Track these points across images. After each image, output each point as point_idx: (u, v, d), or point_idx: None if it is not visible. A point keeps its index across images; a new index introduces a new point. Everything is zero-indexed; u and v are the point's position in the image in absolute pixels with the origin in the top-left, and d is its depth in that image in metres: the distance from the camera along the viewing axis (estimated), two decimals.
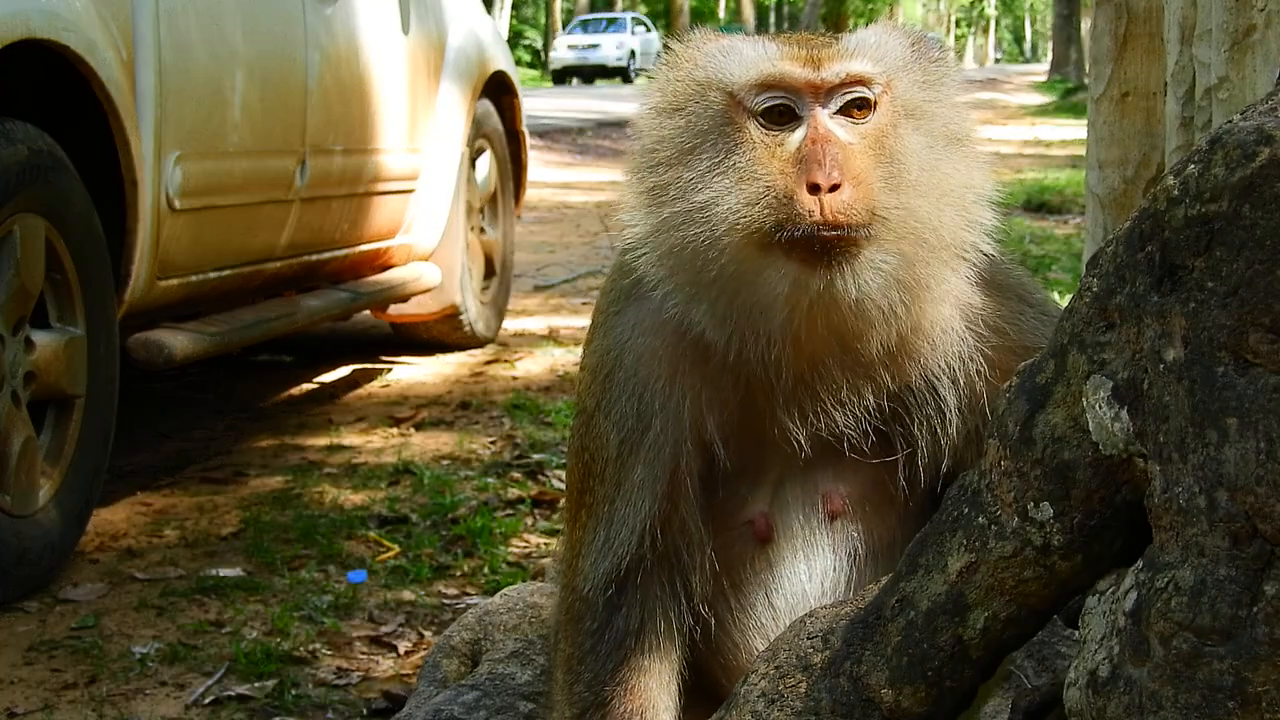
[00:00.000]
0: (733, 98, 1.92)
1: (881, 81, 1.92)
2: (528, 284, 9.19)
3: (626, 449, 2.01)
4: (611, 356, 2.05)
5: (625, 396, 2.02)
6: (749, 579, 2.08)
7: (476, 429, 5.78)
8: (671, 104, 1.97)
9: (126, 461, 5.16)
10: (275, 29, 5.20)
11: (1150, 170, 3.57)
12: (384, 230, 6.21)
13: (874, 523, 2.07)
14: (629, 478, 2.01)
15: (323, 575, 4.14)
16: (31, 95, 4.15)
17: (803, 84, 1.89)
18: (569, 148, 18.91)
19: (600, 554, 2.03)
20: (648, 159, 1.97)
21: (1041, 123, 27.09)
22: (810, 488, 2.06)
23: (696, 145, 1.93)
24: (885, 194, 1.88)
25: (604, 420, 2.03)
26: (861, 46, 1.94)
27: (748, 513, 2.07)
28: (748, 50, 1.95)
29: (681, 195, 1.91)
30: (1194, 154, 1.51)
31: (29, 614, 3.84)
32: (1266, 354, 1.42)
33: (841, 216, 1.83)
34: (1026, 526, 1.65)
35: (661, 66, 2.03)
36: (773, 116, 1.90)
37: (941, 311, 1.98)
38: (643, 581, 2.03)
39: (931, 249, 1.91)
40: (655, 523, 2.00)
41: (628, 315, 2.05)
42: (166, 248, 4.52)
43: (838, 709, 1.81)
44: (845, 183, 1.84)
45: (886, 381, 1.99)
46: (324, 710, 3.32)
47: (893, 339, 1.94)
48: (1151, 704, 1.49)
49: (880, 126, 1.91)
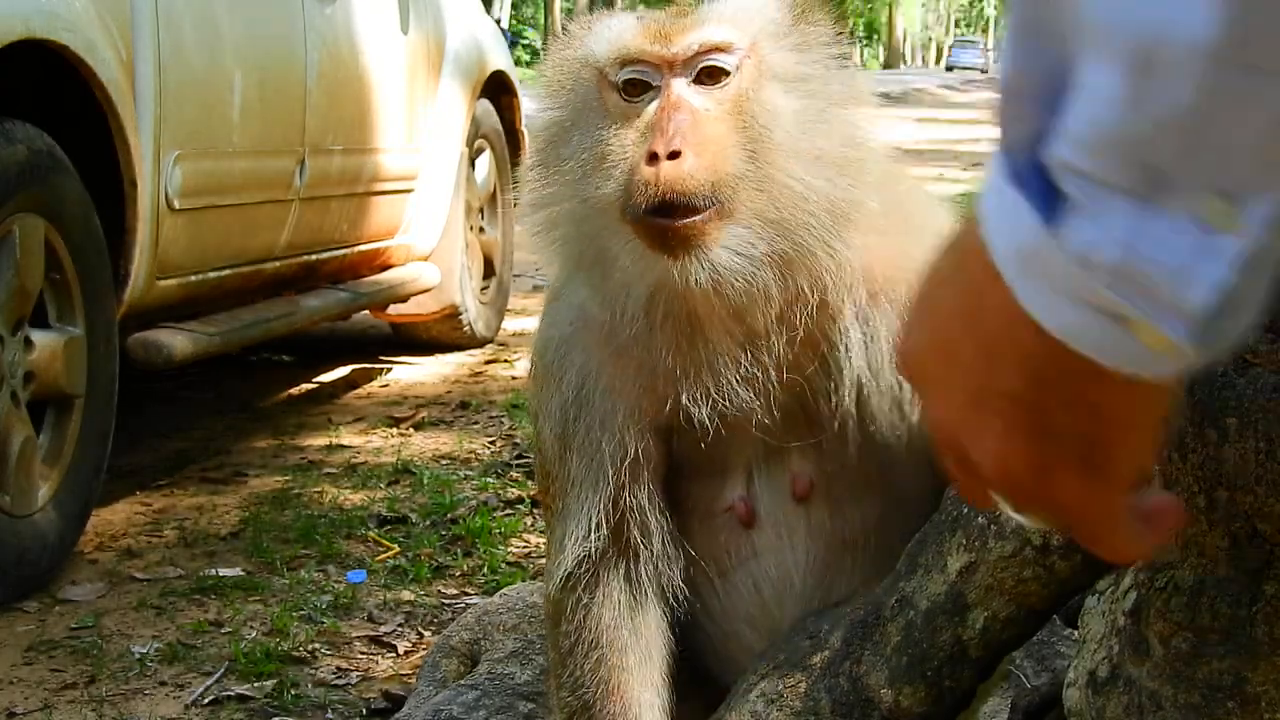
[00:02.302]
0: (600, 73, 1.91)
1: (743, 46, 1.87)
2: (527, 284, 9.19)
3: (563, 445, 2.01)
4: (540, 355, 2.06)
5: (553, 392, 2.01)
6: (734, 567, 2.05)
7: (476, 429, 5.78)
8: (556, 84, 1.98)
9: (126, 461, 5.16)
10: (275, 29, 5.20)
11: None
12: (383, 230, 6.21)
13: (847, 505, 2.03)
14: (569, 472, 2.00)
15: (322, 575, 4.14)
16: (31, 95, 4.15)
17: (654, 57, 1.87)
18: None
19: (560, 551, 2.02)
20: (537, 140, 1.99)
21: None
22: (780, 471, 2.02)
23: (572, 124, 1.93)
24: (742, 161, 1.82)
25: (543, 419, 2.04)
26: (718, 14, 1.91)
27: (726, 499, 2.04)
28: (613, 25, 1.95)
29: (560, 173, 1.92)
30: None
31: (28, 614, 3.84)
32: (1266, 354, 1.42)
33: (678, 185, 1.77)
34: (1026, 526, 1.65)
35: (552, 49, 2.03)
36: (630, 90, 1.88)
37: (830, 264, 1.89)
38: (606, 578, 2.01)
39: (805, 214, 1.84)
40: (607, 516, 1.98)
41: (549, 313, 2.06)
42: (166, 247, 4.52)
43: (837, 709, 1.81)
44: (687, 149, 1.79)
45: (783, 345, 1.91)
46: (324, 710, 3.32)
47: (774, 310, 1.88)
48: (1151, 704, 1.49)
49: (740, 92, 1.86)
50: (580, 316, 2.00)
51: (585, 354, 2.00)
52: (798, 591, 2.03)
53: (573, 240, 1.92)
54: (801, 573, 2.03)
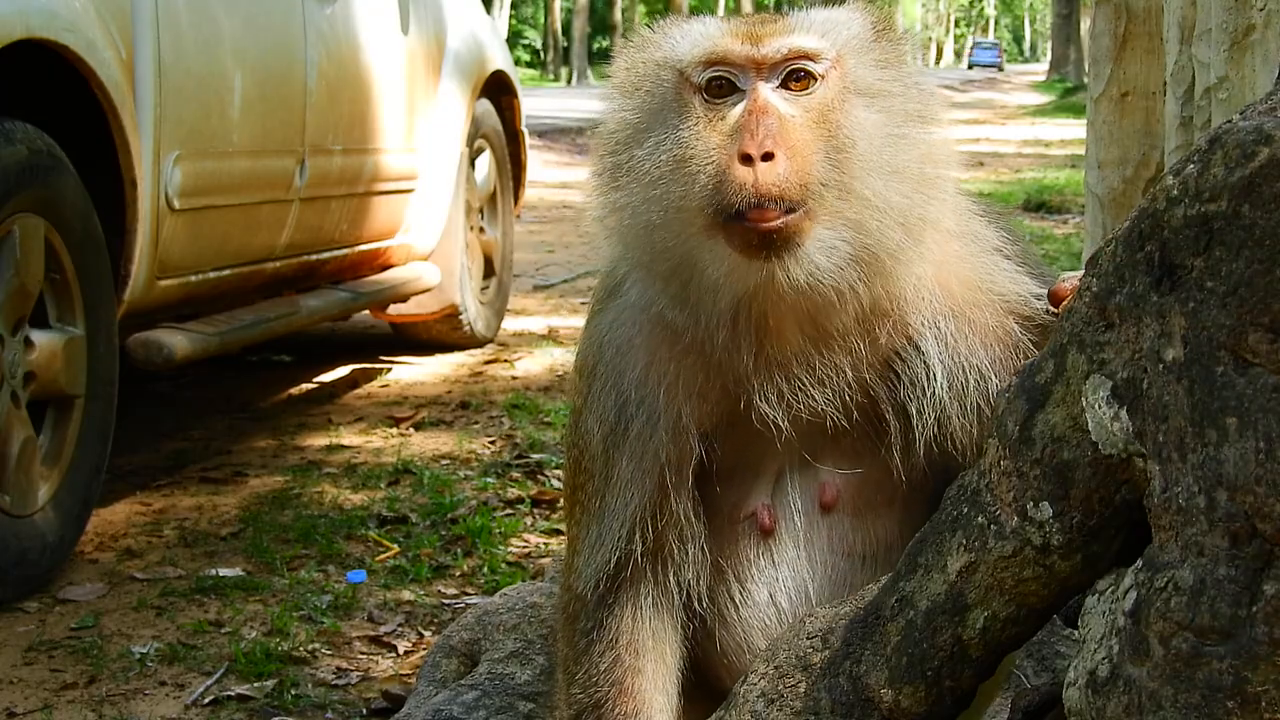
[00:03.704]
0: (681, 75, 1.92)
1: (829, 57, 1.90)
2: (527, 284, 9.19)
3: (611, 443, 2.01)
4: (593, 352, 2.06)
5: (606, 390, 2.02)
6: (753, 576, 2.06)
7: (476, 429, 5.78)
8: (630, 85, 1.99)
9: (126, 461, 5.16)
10: (275, 29, 5.20)
11: (1150, 170, 3.58)
12: (383, 230, 6.21)
13: (870, 519, 2.05)
14: (616, 472, 2.00)
15: (322, 575, 4.14)
16: (31, 95, 4.15)
17: (743, 58, 1.89)
18: (568, 148, 18.90)
19: (593, 549, 2.02)
20: (608, 141, 1.99)
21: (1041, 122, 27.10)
22: (810, 480, 2.04)
23: (650, 124, 1.94)
24: (827, 168, 1.85)
25: (589, 416, 2.04)
26: (808, 22, 1.94)
27: (749, 506, 2.05)
28: (696, 28, 1.96)
29: (635, 176, 1.92)
30: (1193, 153, 1.51)
31: (28, 614, 3.84)
32: (1266, 354, 1.42)
33: (775, 188, 1.80)
34: (1026, 526, 1.65)
35: (623, 50, 2.04)
36: (715, 91, 1.90)
37: (909, 277, 1.94)
38: (636, 579, 2.02)
39: (885, 223, 1.87)
40: (645, 516, 1.99)
41: (609, 311, 2.06)
42: (166, 247, 4.52)
43: (837, 709, 1.81)
44: (779, 152, 1.82)
45: (862, 351, 1.95)
46: (324, 710, 3.32)
47: (856, 313, 1.91)
48: (1151, 704, 1.49)
49: (825, 101, 1.89)
50: (645, 318, 2.00)
51: (650, 354, 2.00)
52: (813, 603, 2.03)
53: (649, 246, 1.92)
54: (818, 583, 2.05)
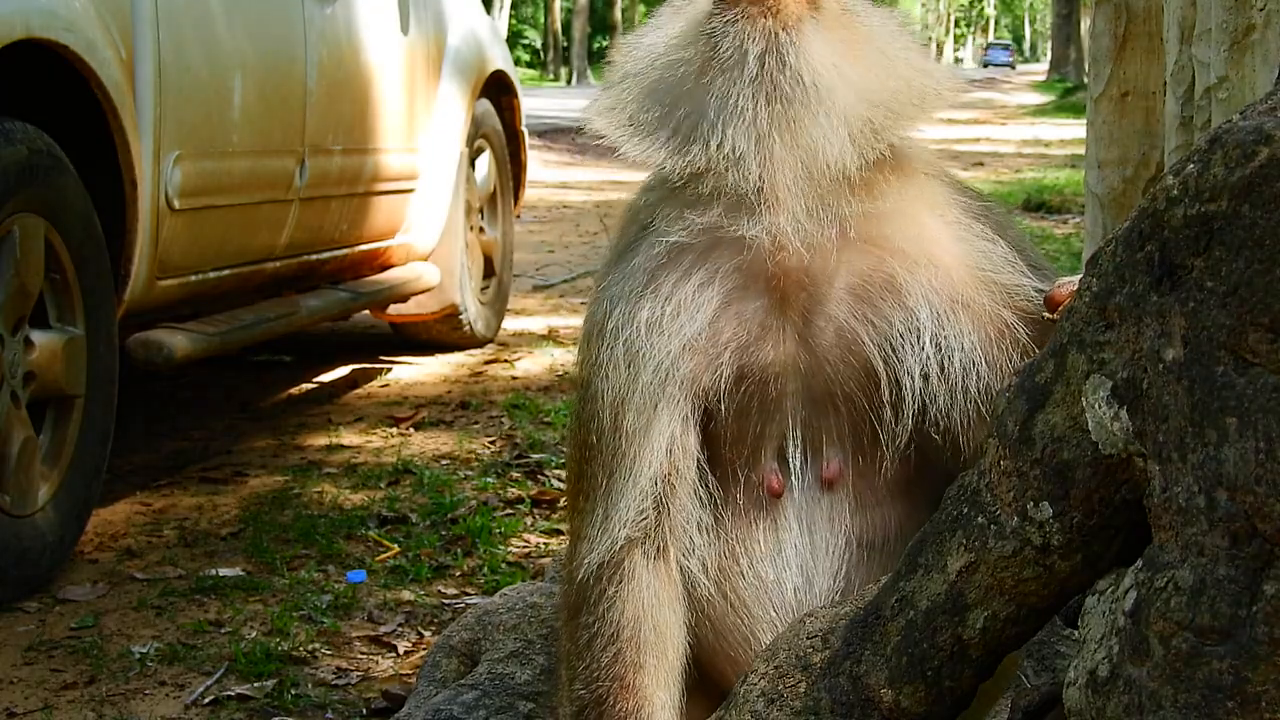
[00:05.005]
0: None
1: None
2: (527, 284, 9.19)
3: (619, 402, 1.99)
4: (599, 315, 2.05)
5: (612, 348, 2.01)
6: (757, 554, 2.05)
7: (476, 429, 5.78)
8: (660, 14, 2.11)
9: (126, 461, 5.16)
10: (275, 29, 5.20)
11: (1150, 170, 3.57)
12: (383, 230, 6.21)
13: (869, 503, 2.04)
14: (622, 439, 1.99)
15: (322, 575, 4.14)
16: (31, 95, 4.15)
17: None
18: (568, 147, 18.90)
19: (600, 531, 2.00)
20: (630, 47, 2.09)
21: (1041, 122, 27.11)
22: (813, 453, 2.04)
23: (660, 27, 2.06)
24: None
25: (597, 380, 2.02)
26: None
27: (756, 473, 2.04)
28: None
29: (646, 48, 2.05)
30: (1193, 153, 1.51)
31: (28, 614, 3.84)
32: (1266, 354, 1.42)
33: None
34: (1026, 526, 1.65)
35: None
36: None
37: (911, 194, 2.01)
38: (639, 570, 2.01)
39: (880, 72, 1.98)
40: (658, 483, 1.98)
41: (611, 278, 2.07)
42: (166, 247, 4.52)
43: (837, 709, 1.81)
44: None
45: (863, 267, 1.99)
46: (323, 710, 3.32)
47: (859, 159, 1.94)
48: (1151, 704, 1.49)
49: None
50: (643, 272, 2.02)
51: (651, 308, 2.00)
52: (818, 594, 2.03)
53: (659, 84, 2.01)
54: (821, 571, 2.04)
